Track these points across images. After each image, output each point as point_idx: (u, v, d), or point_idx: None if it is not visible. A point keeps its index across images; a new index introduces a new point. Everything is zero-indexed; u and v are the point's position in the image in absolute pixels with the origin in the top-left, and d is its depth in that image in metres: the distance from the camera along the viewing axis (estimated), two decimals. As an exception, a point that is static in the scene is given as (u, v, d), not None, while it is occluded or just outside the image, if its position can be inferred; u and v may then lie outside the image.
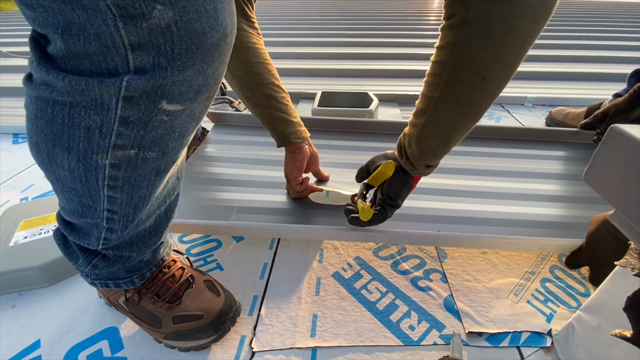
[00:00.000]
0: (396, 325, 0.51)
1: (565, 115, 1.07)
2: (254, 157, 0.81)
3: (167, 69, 0.26)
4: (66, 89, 0.25)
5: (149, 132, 0.30)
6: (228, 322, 0.48)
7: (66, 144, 0.29)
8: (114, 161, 0.31)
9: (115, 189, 0.33)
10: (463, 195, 0.70)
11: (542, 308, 0.54)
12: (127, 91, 0.26)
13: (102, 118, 0.27)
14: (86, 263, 0.42)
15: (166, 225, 0.46)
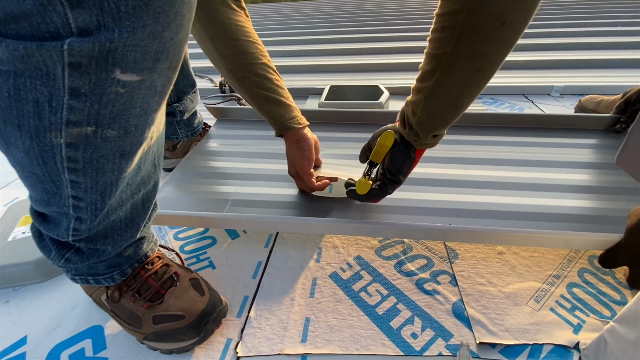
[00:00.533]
0: (397, 333, 0.46)
1: (598, 103, 0.97)
2: (254, 151, 0.78)
3: (114, 30, 0.23)
4: (6, 56, 0.23)
5: (104, 106, 0.27)
6: (210, 323, 0.45)
7: (16, 120, 0.26)
8: (70, 140, 0.28)
9: (77, 172, 0.30)
10: (478, 187, 0.63)
11: (569, 317, 0.47)
12: (71, 56, 0.23)
13: (50, 89, 0.25)
14: (59, 257, 0.40)
15: (144, 217, 0.43)
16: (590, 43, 1.85)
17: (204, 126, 0.87)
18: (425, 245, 0.60)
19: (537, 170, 0.66)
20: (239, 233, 0.65)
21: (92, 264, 0.42)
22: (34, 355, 0.46)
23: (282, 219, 0.56)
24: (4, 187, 0.88)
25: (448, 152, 0.73)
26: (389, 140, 0.48)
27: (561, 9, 3.21)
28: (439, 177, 0.66)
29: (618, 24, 2.27)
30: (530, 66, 1.56)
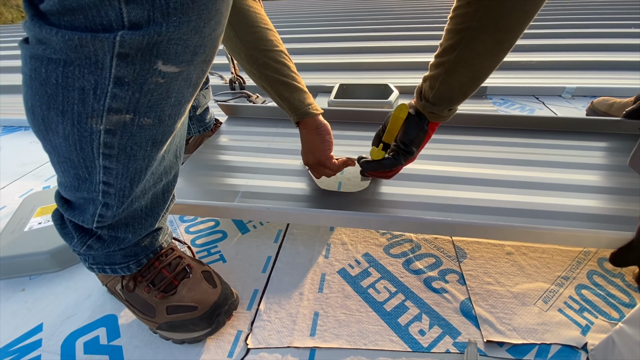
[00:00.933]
0: (404, 329, 0.47)
1: (610, 105, 0.96)
2: (264, 147, 0.79)
3: (162, 25, 0.25)
4: (60, 45, 0.25)
5: (144, 95, 0.28)
6: (222, 315, 0.46)
7: (60, 106, 0.28)
8: (109, 127, 0.30)
9: (111, 158, 0.32)
10: (488, 185, 0.63)
11: (577, 318, 0.47)
12: (121, 47, 0.25)
13: (97, 78, 0.27)
14: (81, 243, 0.41)
15: (163, 206, 0.44)
16: (603, 44, 1.83)
17: (215, 122, 0.88)
18: (434, 244, 0.61)
19: (548, 171, 0.66)
20: (248, 228, 0.66)
21: (110, 253, 0.43)
22: (50, 342, 0.48)
23: (291, 210, 0.56)
24: (18, 179, 0.90)
25: (458, 152, 0.73)
26: (403, 112, 0.49)
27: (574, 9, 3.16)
28: (449, 175, 0.66)
29: (632, 26, 2.23)
30: (541, 67, 1.54)
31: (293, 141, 0.80)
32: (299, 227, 0.66)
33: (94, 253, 0.43)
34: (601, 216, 0.55)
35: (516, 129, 0.82)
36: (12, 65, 2.23)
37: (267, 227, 0.67)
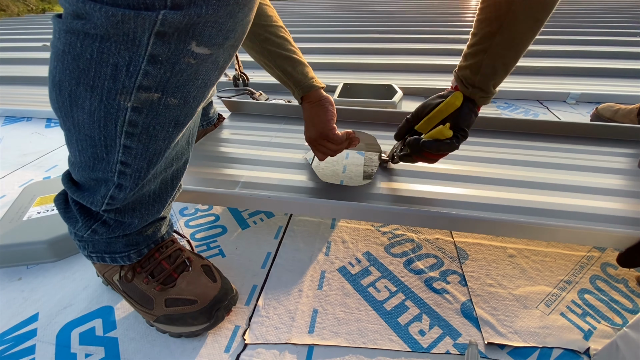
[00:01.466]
0: (404, 329, 0.46)
1: (615, 111, 0.96)
2: (267, 141, 0.78)
3: (202, 7, 0.26)
4: (101, 20, 0.25)
5: (175, 75, 0.29)
6: (222, 310, 0.45)
7: (91, 82, 0.28)
8: (136, 104, 0.30)
9: (132, 137, 0.32)
10: (494, 183, 0.62)
11: (579, 323, 0.46)
12: (161, 26, 0.26)
13: (132, 54, 0.27)
14: (86, 227, 0.41)
15: (171, 193, 0.44)
16: (607, 52, 1.82)
17: (219, 117, 0.88)
18: (435, 244, 0.60)
19: (552, 172, 0.65)
20: (249, 223, 0.66)
21: (111, 240, 0.43)
22: (45, 331, 0.47)
23: (291, 199, 0.55)
24: (18, 169, 0.90)
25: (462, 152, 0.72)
26: (459, 100, 0.50)
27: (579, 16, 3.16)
28: (452, 173, 0.65)
29: (637, 34, 2.23)
30: (546, 72, 1.54)
31: (296, 137, 0.79)
32: (299, 224, 0.65)
33: (95, 239, 0.43)
34: (609, 216, 0.54)
35: (520, 132, 0.82)
36: (15, 57, 2.24)
37: (267, 223, 0.66)
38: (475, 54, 0.47)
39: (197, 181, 0.63)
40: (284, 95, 1.31)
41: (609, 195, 0.59)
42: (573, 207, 0.55)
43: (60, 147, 1.02)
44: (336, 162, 0.84)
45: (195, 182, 0.62)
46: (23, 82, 1.63)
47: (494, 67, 0.47)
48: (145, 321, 0.47)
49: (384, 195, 0.59)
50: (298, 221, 0.66)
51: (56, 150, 1.00)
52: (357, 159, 0.85)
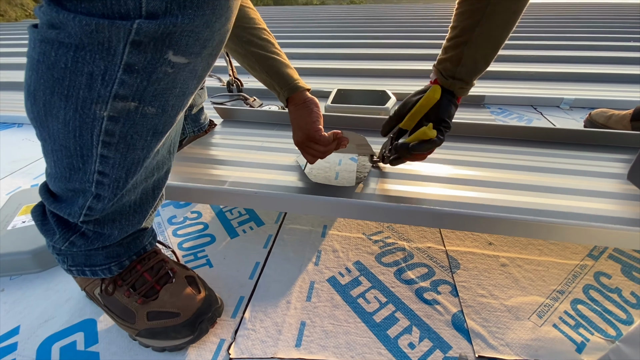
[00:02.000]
0: (394, 342, 0.45)
1: (608, 117, 0.96)
2: (257, 145, 0.78)
3: (178, 16, 0.26)
4: (75, 29, 0.25)
5: (152, 83, 0.29)
6: (206, 322, 0.44)
7: (65, 91, 0.28)
8: (112, 113, 0.29)
9: (110, 146, 0.31)
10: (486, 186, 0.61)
11: (572, 335, 0.45)
12: (136, 35, 0.25)
13: (107, 64, 0.27)
14: (63, 239, 0.40)
15: (152, 203, 0.43)
16: (601, 57, 1.83)
17: (210, 123, 0.87)
18: (427, 253, 0.59)
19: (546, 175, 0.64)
20: (238, 232, 0.65)
21: (91, 253, 0.42)
22: (26, 345, 0.46)
23: (278, 196, 0.54)
24: (6, 176, 0.88)
25: (457, 157, 0.72)
26: (437, 93, 0.50)
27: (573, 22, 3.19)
28: (445, 175, 0.64)
29: (631, 40, 2.25)
30: (539, 77, 1.54)
31: (288, 142, 0.79)
32: (289, 232, 0.64)
33: (74, 252, 0.42)
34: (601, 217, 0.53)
35: (514, 139, 0.81)
36: (10, 62, 2.23)
37: (257, 231, 0.65)
38: (455, 46, 0.49)
39: (183, 180, 0.62)
40: (278, 101, 1.31)
41: (602, 197, 0.58)
42: (566, 207, 0.55)
43: (50, 153, 1.01)
44: (329, 168, 0.83)
45: (180, 181, 0.61)
46: (16, 88, 1.62)
47: (474, 59, 0.49)
48: (128, 335, 0.46)
49: (375, 195, 0.58)
50: (288, 230, 0.65)
51: (46, 157, 0.99)
52: (350, 165, 0.84)
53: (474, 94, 1.32)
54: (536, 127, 0.80)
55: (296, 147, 0.60)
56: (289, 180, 0.63)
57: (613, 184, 0.62)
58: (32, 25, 0.28)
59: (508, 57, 1.90)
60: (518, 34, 2.69)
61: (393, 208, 0.51)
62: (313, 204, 0.53)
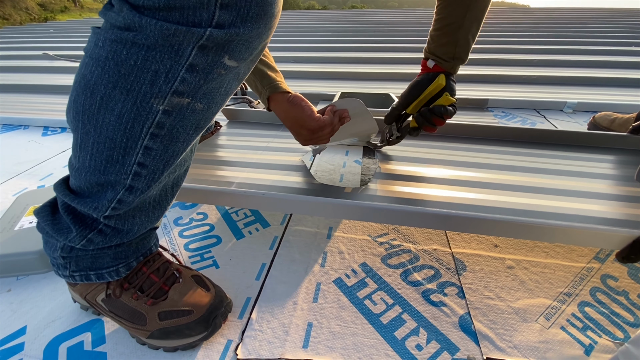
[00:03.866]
0: (401, 343, 0.45)
1: (612, 121, 0.96)
2: (263, 145, 0.78)
3: (240, 27, 0.30)
4: (154, 32, 0.28)
5: (206, 82, 0.32)
6: (219, 317, 0.45)
7: (129, 85, 0.30)
8: (167, 107, 0.32)
9: (156, 138, 0.34)
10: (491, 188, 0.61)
11: (580, 337, 0.45)
12: (205, 40, 0.29)
13: (173, 63, 0.30)
14: (80, 237, 0.39)
15: (170, 200, 0.44)
16: (605, 61, 1.84)
17: (215, 125, 0.87)
18: (433, 255, 0.59)
19: (550, 177, 0.64)
20: (244, 234, 0.65)
21: (98, 255, 0.42)
22: (32, 346, 0.46)
23: (286, 197, 0.54)
24: (13, 177, 0.89)
25: (461, 158, 0.72)
26: (443, 79, 0.59)
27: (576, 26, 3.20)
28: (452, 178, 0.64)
29: (633, 44, 2.25)
30: (543, 81, 1.55)
31: (294, 142, 0.79)
32: (295, 234, 0.64)
33: (80, 255, 0.41)
34: (604, 219, 0.53)
35: (517, 140, 0.81)
36: (15, 65, 2.25)
37: (262, 233, 0.65)
38: (451, 32, 0.57)
39: (190, 181, 0.62)
40: (281, 103, 1.31)
41: (607, 199, 0.58)
42: (570, 210, 0.55)
43: (55, 155, 1.01)
44: (333, 170, 0.83)
45: (188, 182, 0.61)
46: (22, 90, 1.63)
47: (466, 39, 0.57)
48: (135, 340, 0.46)
49: (381, 197, 0.59)
50: (294, 231, 0.65)
51: (52, 158, 0.99)
52: (355, 167, 0.85)
53: (477, 97, 1.32)
54: (540, 129, 0.81)
55: (305, 146, 0.61)
56: (295, 181, 0.63)
57: (618, 187, 0.62)
58: (96, 27, 0.31)
59: (511, 61, 1.91)
60: (521, 38, 2.70)
61: (398, 210, 0.51)
62: (320, 205, 0.54)
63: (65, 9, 13.49)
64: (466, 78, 1.63)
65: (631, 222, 0.52)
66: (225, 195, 0.56)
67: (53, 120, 1.22)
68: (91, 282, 0.44)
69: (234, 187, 0.60)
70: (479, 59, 2.00)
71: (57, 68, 2.11)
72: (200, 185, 0.57)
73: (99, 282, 0.44)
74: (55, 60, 2.38)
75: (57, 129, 1.21)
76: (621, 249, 0.47)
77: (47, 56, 2.50)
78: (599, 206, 0.56)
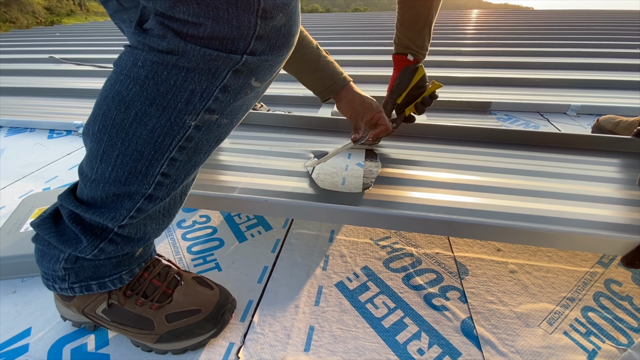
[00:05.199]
0: (402, 347, 0.45)
1: (616, 124, 0.95)
2: (265, 150, 0.79)
3: (268, 55, 0.33)
4: (196, 57, 0.31)
5: (235, 101, 0.35)
6: (227, 313, 0.46)
7: (165, 103, 0.33)
8: (198, 123, 0.34)
9: (183, 150, 0.36)
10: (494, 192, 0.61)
11: (583, 342, 0.45)
12: (241, 65, 0.32)
13: (208, 84, 0.32)
14: (92, 247, 0.39)
15: (179, 208, 0.44)
16: (608, 64, 1.83)
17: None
18: (435, 259, 0.59)
19: (553, 181, 0.64)
20: (246, 236, 0.65)
21: (100, 264, 0.41)
22: (37, 347, 0.46)
23: (288, 203, 0.54)
24: (18, 180, 0.90)
25: (464, 161, 0.72)
26: (422, 68, 0.73)
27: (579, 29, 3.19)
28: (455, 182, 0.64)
29: (637, 47, 2.24)
30: (546, 84, 1.54)
31: (296, 146, 0.80)
32: (297, 237, 0.65)
33: (81, 266, 0.41)
34: (609, 224, 0.53)
35: (520, 144, 0.81)
36: (21, 68, 2.27)
37: (265, 235, 0.65)
38: (419, 30, 0.69)
39: (194, 187, 0.62)
40: (284, 106, 1.32)
41: (611, 204, 0.58)
42: (573, 214, 0.54)
43: (61, 158, 1.02)
44: (335, 174, 0.83)
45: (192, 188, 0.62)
46: (28, 93, 1.65)
47: (430, 33, 0.70)
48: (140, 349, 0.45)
49: (383, 201, 0.59)
50: (296, 234, 0.66)
51: (57, 161, 1.00)
52: (357, 170, 0.85)
53: (480, 100, 1.32)
54: (544, 132, 0.80)
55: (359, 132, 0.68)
56: (297, 187, 0.63)
57: (622, 190, 0.62)
58: (130, 46, 0.33)
59: (514, 64, 1.90)
60: (524, 40, 2.70)
61: (401, 215, 0.51)
62: (322, 211, 0.54)
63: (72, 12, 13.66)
64: (469, 81, 1.63)
65: (636, 227, 0.52)
66: (228, 201, 0.57)
67: (59, 123, 1.23)
68: (92, 292, 0.43)
69: (237, 192, 0.61)
70: (482, 61, 1.99)
71: (63, 71, 2.13)
72: (203, 191, 0.58)
73: (101, 291, 0.43)
74: (61, 64, 2.41)
75: (63, 132, 1.23)
76: (626, 254, 0.47)
77: (53, 59, 2.53)
78: (603, 210, 0.56)
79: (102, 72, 2.05)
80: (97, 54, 2.70)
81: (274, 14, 0.31)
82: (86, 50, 2.94)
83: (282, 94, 1.39)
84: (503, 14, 5.65)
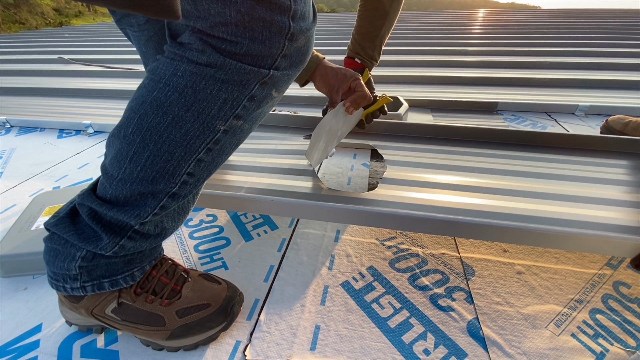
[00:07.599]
0: (408, 347, 0.45)
1: (626, 124, 0.94)
2: (271, 148, 0.79)
3: (289, 70, 0.38)
4: (232, 70, 0.34)
5: (258, 109, 0.39)
6: (237, 305, 0.47)
7: (201, 109, 0.36)
8: (227, 128, 0.38)
9: (209, 152, 0.39)
10: (501, 194, 0.61)
11: (591, 345, 0.45)
12: (268, 78, 0.36)
13: (239, 94, 0.36)
14: (113, 244, 0.40)
15: (192, 205, 0.46)
16: (617, 63, 1.81)
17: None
18: (441, 259, 0.59)
19: (561, 183, 0.64)
20: (252, 236, 0.66)
21: (112, 262, 0.42)
22: (48, 343, 0.47)
23: (295, 203, 0.55)
24: (29, 178, 0.91)
25: (469, 163, 0.72)
26: (368, 72, 0.82)
27: (588, 28, 3.15)
28: (461, 183, 0.64)
29: (647, 46, 2.21)
30: (554, 84, 1.53)
31: (302, 143, 0.80)
32: (303, 237, 0.65)
33: (93, 264, 0.42)
34: (618, 226, 0.52)
35: (527, 144, 0.80)
36: (31, 69, 2.31)
37: (271, 235, 0.66)
38: (370, 39, 0.78)
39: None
40: (289, 107, 1.32)
41: (621, 206, 0.57)
42: (582, 216, 0.54)
43: (70, 157, 1.04)
44: (341, 174, 0.84)
45: None
46: (38, 94, 1.68)
47: (381, 43, 0.79)
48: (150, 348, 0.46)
49: (389, 202, 0.59)
50: (302, 234, 0.66)
51: (67, 160, 1.02)
52: (362, 170, 0.85)
53: (486, 100, 1.31)
54: (551, 133, 0.80)
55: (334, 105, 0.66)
56: (303, 186, 0.64)
57: (631, 193, 0.61)
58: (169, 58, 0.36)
59: (522, 64, 1.89)
60: (532, 39, 2.67)
61: (407, 216, 0.52)
62: (327, 211, 0.54)
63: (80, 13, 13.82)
64: (475, 80, 1.62)
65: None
66: (235, 201, 0.57)
67: (68, 123, 1.25)
68: (103, 291, 0.43)
69: (243, 192, 0.61)
70: (489, 61, 1.98)
71: (72, 72, 2.16)
72: (211, 190, 0.58)
73: (112, 289, 0.44)
74: (70, 64, 2.44)
75: (72, 132, 1.24)
76: (635, 256, 0.47)
77: (62, 60, 2.56)
78: (612, 213, 0.55)
79: (110, 72, 2.08)
80: (106, 55, 2.73)
81: (298, 37, 0.35)
82: (95, 50, 2.97)
83: (288, 94, 1.40)
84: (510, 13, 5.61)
